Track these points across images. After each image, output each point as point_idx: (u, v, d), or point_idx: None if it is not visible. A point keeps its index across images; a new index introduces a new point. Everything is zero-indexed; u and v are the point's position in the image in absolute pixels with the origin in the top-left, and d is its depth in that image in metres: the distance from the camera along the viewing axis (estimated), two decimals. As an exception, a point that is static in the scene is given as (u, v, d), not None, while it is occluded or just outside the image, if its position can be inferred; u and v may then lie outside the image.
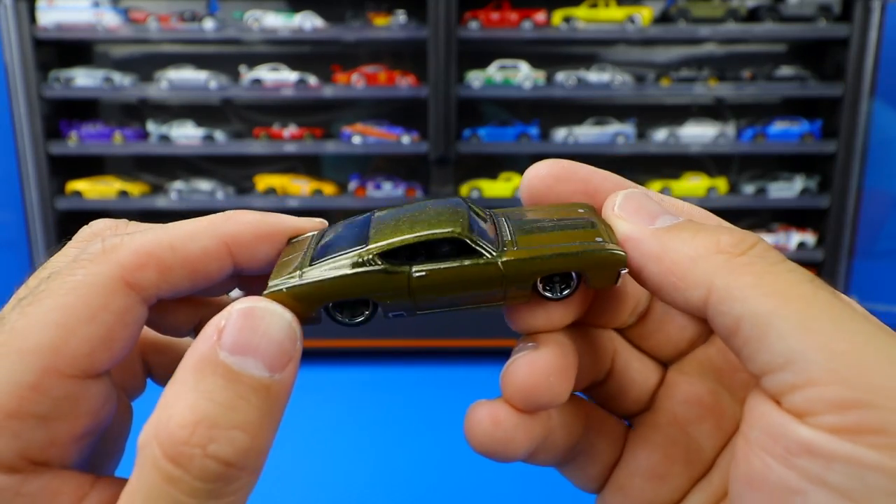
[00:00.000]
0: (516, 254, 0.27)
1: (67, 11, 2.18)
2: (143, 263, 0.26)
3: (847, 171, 2.24)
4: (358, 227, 0.29)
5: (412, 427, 1.83)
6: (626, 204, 0.30)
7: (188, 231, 0.28)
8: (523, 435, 0.29)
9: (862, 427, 0.21)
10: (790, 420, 0.23)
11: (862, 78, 2.16)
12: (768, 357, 0.23)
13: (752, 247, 0.26)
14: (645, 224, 0.29)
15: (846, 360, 0.22)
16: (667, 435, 0.32)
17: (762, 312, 0.24)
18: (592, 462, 0.33)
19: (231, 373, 0.23)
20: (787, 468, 0.23)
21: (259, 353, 0.23)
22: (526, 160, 2.52)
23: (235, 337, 0.23)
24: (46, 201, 2.25)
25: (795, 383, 0.23)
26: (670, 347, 0.34)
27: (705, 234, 0.27)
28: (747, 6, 2.27)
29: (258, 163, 2.48)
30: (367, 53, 2.41)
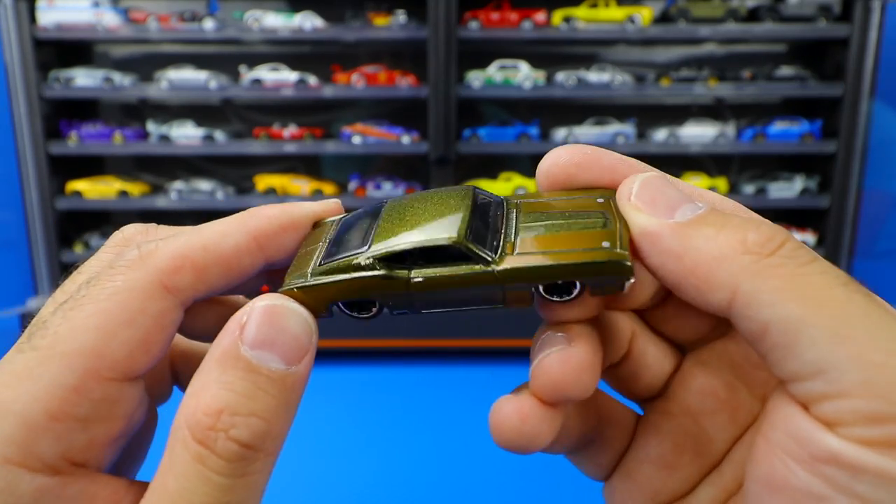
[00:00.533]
0: (513, 261, 0.27)
1: (67, 11, 2.18)
2: (179, 266, 0.27)
3: (847, 171, 2.24)
4: (368, 220, 0.30)
5: (412, 427, 1.83)
6: (643, 192, 0.27)
7: (219, 230, 0.29)
8: (548, 427, 0.29)
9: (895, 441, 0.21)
10: (818, 428, 0.22)
11: (862, 78, 2.16)
12: (798, 365, 0.22)
13: (781, 246, 0.24)
14: (664, 216, 0.26)
15: (882, 371, 0.21)
16: (679, 424, 0.32)
17: (792, 318, 0.22)
18: (603, 450, 0.33)
19: (250, 366, 0.25)
20: (811, 475, 0.22)
21: (276, 348, 0.25)
22: (526, 160, 2.52)
23: (255, 332, 0.25)
24: (46, 201, 2.25)
25: (827, 393, 0.22)
26: (690, 332, 0.33)
27: (730, 230, 0.25)
28: (747, 6, 2.27)
29: (258, 163, 2.48)
30: (367, 53, 2.41)
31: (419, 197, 0.31)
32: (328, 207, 0.33)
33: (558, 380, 0.27)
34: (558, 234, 0.28)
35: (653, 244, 0.26)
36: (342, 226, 0.31)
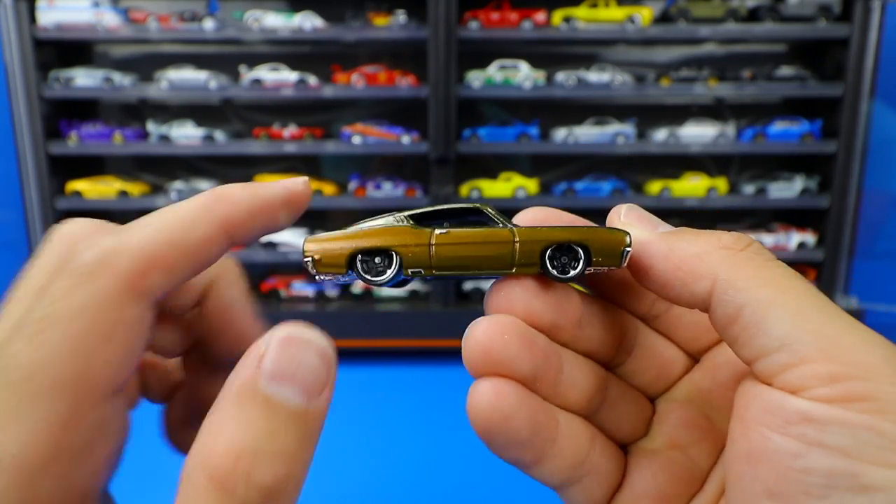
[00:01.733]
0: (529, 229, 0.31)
1: (67, 11, 2.18)
2: (146, 269, 0.25)
3: (847, 171, 2.24)
4: None
5: (411, 427, 1.83)
6: (630, 213, 0.33)
7: (184, 221, 0.27)
8: (525, 415, 0.30)
9: (851, 395, 0.24)
10: (785, 395, 0.26)
11: (862, 78, 2.16)
12: (765, 340, 0.27)
13: (749, 245, 0.30)
14: (651, 229, 0.32)
15: (833, 342, 0.26)
16: (669, 458, 0.34)
17: (762, 300, 0.27)
18: (598, 484, 0.34)
19: (269, 402, 0.23)
20: (785, 436, 0.25)
21: (297, 381, 0.24)
22: (526, 160, 2.52)
23: (274, 365, 0.24)
24: (46, 201, 2.25)
25: (790, 362, 0.26)
26: (660, 383, 0.36)
27: (707, 234, 0.30)
28: (747, 6, 2.27)
29: (258, 163, 2.48)
30: (367, 53, 2.41)
31: None
32: (297, 187, 0.32)
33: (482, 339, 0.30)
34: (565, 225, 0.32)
35: (644, 249, 0.31)
36: None
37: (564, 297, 0.32)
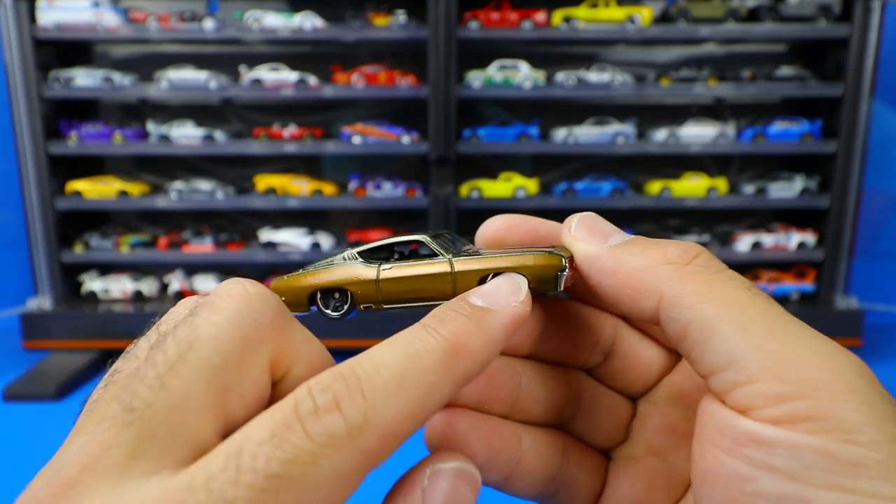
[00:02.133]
0: (466, 259, 0.32)
1: (67, 11, 2.18)
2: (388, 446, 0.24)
3: (847, 171, 2.23)
4: None
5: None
6: (581, 224, 0.33)
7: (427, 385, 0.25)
8: (478, 440, 0.30)
9: (797, 416, 0.24)
10: (735, 415, 0.25)
11: (862, 78, 2.16)
12: (713, 358, 0.26)
13: (696, 256, 0.29)
14: (600, 242, 0.31)
15: (778, 358, 0.25)
16: (647, 464, 0.34)
17: (706, 317, 0.26)
18: (575, 495, 0.34)
19: None
20: (735, 458, 0.25)
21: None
22: (526, 160, 2.52)
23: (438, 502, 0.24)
24: (46, 201, 2.25)
25: (737, 381, 0.25)
26: (639, 384, 0.35)
27: (653, 247, 0.30)
28: (747, 6, 2.27)
29: (258, 163, 2.48)
30: (367, 53, 2.41)
31: None
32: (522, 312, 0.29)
33: None
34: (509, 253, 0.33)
35: (592, 264, 0.31)
36: None
37: None
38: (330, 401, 0.22)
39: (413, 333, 0.26)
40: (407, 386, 0.24)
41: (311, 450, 0.21)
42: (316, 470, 0.21)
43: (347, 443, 0.22)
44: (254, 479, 0.20)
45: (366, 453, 0.22)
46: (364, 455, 0.22)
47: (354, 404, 0.22)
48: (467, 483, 0.25)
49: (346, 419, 0.22)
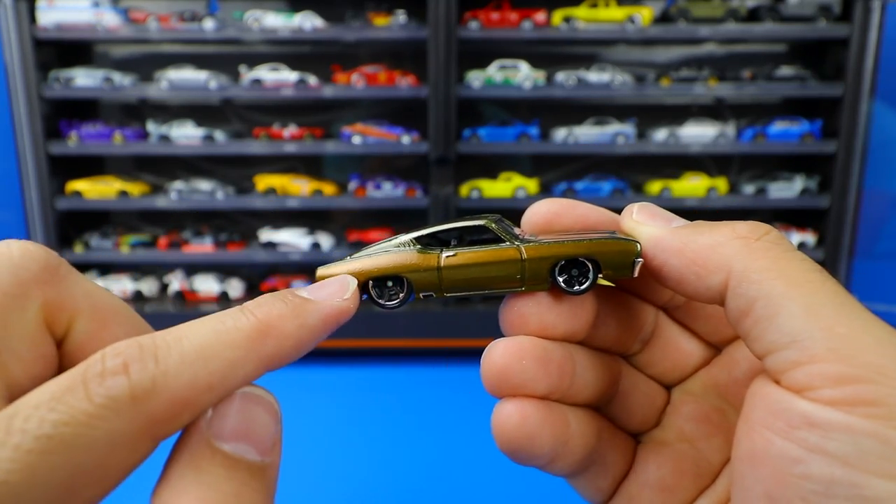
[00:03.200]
0: (536, 246, 0.31)
1: (67, 11, 2.18)
2: (177, 413, 0.23)
3: (847, 171, 2.24)
4: None
5: (411, 427, 1.83)
6: (643, 211, 0.33)
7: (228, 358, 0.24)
8: (548, 432, 0.31)
9: (857, 399, 0.23)
10: (790, 396, 0.25)
11: (862, 78, 2.16)
12: (776, 336, 0.26)
13: (766, 233, 0.29)
14: (664, 225, 0.31)
15: (845, 341, 0.24)
16: (676, 450, 0.34)
17: (775, 294, 0.26)
18: (604, 473, 0.34)
19: (230, 460, 0.23)
20: (787, 440, 0.25)
21: (252, 439, 0.24)
22: (526, 160, 2.52)
23: (229, 424, 0.23)
24: (46, 201, 2.25)
25: (799, 360, 0.25)
26: (675, 373, 0.35)
27: (722, 225, 0.30)
28: (747, 6, 2.27)
29: (258, 163, 2.48)
30: (367, 53, 2.41)
31: None
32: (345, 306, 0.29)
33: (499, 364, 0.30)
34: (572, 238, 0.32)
35: (657, 245, 0.30)
36: None
37: (578, 305, 0.32)
38: (118, 364, 0.22)
39: (228, 312, 0.26)
40: (208, 357, 0.23)
41: (88, 411, 0.21)
42: (91, 432, 0.20)
43: (129, 406, 0.21)
44: (21, 439, 0.19)
45: (150, 419, 0.22)
46: (148, 420, 0.22)
47: (143, 368, 0.22)
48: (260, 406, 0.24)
49: (132, 383, 0.21)
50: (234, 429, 0.24)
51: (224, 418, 0.24)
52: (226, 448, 0.23)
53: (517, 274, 0.30)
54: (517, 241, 0.31)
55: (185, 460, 0.23)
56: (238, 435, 0.24)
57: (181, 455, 0.23)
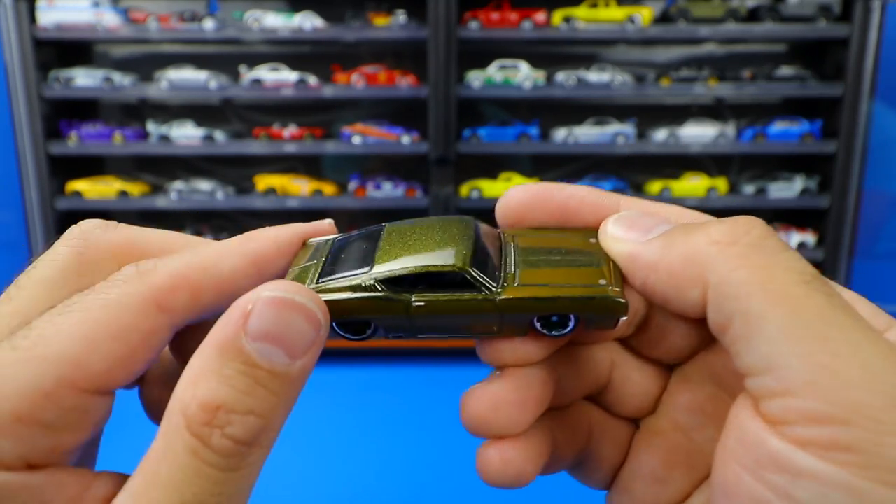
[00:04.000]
0: (515, 291, 0.28)
1: (67, 11, 2.18)
2: (176, 285, 0.26)
3: (847, 171, 2.24)
4: (368, 242, 0.30)
5: (412, 427, 1.83)
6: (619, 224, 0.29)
7: (217, 252, 0.28)
8: (533, 466, 0.30)
9: (832, 443, 0.21)
10: (764, 430, 0.23)
11: (862, 78, 2.16)
12: (753, 359, 0.23)
13: (746, 234, 0.25)
14: (639, 237, 0.28)
15: (825, 372, 0.21)
16: (669, 440, 0.33)
17: (752, 312, 0.23)
18: (598, 466, 0.34)
19: (251, 360, 0.24)
20: (756, 480, 0.23)
21: (282, 342, 0.24)
22: (526, 160, 2.52)
23: (259, 325, 0.24)
24: (46, 201, 2.25)
25: (775, 390, 0.22)
26: (672, 354, 0.33)
27: (696, 230, 0.26)
28: (747, 6, 2.27)
29: (258, 163, 2.48)
30: (367, 53, 2.41)
31: (421, 223, 0.30)
32: (322, 226, 0.32)
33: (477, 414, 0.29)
34: (557, 269, 0.29)
35: (633, 263, 0.27)
36: (337, 245, 0.31)
37: None
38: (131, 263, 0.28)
39: None
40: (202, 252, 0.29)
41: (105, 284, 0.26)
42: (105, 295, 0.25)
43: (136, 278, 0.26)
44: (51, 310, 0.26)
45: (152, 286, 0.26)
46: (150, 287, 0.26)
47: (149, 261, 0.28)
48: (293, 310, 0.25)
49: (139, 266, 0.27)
50: (260, 331, 0.24)
51: (259, 318, 0.24)
52: (250, 347, 0.24)
53: (493, 324, 0.28)
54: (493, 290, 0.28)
55: (215, 346, 0.24)
56: (264, 338, 0.24)
57: (215, 338, 0.24)
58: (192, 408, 0.23)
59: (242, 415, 0.24)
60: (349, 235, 0.31)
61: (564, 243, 0.30)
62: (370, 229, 0.31)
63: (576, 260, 0.29)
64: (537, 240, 0.31)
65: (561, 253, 0.29)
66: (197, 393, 0.23)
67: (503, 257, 0.29)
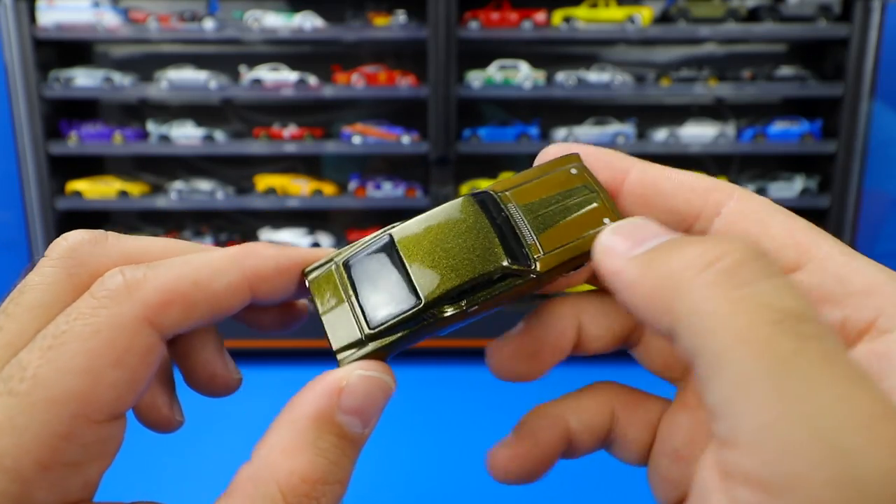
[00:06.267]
0: (547, 262, 0.29)
1: (67, 11, 2.18)
2: (168, 301, 0.26)
3: (847, 171, 2.24)
4: (387, 259, 0.30)
5: (412, 427, 1.83)
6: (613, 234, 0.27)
7: (213, 266, 0.28)
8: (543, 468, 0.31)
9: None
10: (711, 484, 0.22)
11: (862, 78, 2.16)
12: (712, 400, 0.21)
13: (718, 259, 0.22)
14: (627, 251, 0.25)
15: (771, 432, 0.19)
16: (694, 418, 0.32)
17: (712, 352, 0.21)
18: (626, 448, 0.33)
19: (342, 432, 0.25)
20: None
21: (364, 415, 0.26)
22: (526, 160, 2.52)
23: (353, 402, 0.26)
24: (46, 201, 2.25)
25: (725, 440, 0.21)
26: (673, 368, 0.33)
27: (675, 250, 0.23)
28: (747, 6, 2.27)
29: (258, 163, 2.48)
30: (367, 53, 2.41)
31: (427, 222, 0.30)
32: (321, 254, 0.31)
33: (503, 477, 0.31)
34: (566, 222, 0.30)
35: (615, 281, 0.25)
36: (353, 271, 0.30)
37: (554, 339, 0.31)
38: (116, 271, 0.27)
39: None
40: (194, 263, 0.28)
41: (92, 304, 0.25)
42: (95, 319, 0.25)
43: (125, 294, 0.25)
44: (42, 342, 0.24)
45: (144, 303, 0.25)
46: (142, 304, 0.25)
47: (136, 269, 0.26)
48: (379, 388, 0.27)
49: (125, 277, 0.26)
50: (356, 406, 0.26)
51: (352, 395, 0.26)
52: (342, 420, 0.25)
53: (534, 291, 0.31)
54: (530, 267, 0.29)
55: (312, 419, 0.25)
56: (354, 411, 0.26)
57: (307, 410, 0.25)
58: (294, 481, 0.24)
59: (334, 486, 0.25)
60: (355, 254, 0.30)
61: (554, 188, 0.31)
62: (377, 243, 0.30)
63: (575, 204, 0.30)
64: (529, 193, 0.31)
65: (557, 200, 0.30)
66: (296, 467, 0.24)
67: (514, 226, 0.30)
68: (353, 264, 0.30)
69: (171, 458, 1.53)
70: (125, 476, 0.26)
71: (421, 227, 0.30)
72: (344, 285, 0.30)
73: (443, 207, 0.30)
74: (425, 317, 0.28)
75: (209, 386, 0.32)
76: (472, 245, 0.29)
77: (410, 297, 0.28)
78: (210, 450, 1.46)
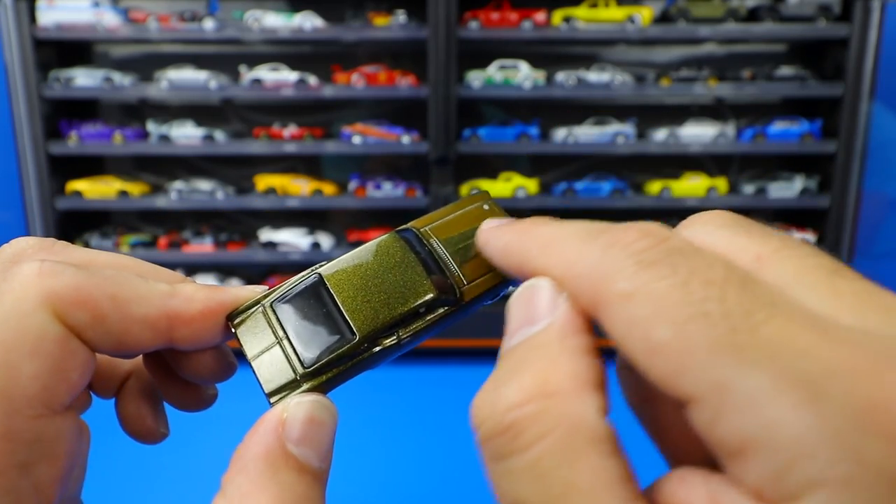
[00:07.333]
0: (471, 291, 0.31)
1: (67, 11, 2.18)
2: (78, 301, 0.24)
3: (847, 171, 2.24)
4: (318, 299, 0.30)
5: (412, 427, 1.83)
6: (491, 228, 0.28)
7: (137, 291, 0.26)
8: None
9: None
10: None
11: (862, 78, 2.16)
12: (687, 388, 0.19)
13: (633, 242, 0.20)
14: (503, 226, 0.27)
15: None
16: None
17: None
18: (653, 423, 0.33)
19: (300, 465, 0.24)
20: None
21: (316, 445, 0.25)
22: (526, 160, 2.52)
23: (300, 430, 0.25)
24: (46, 201, 2.25)
25: None
26: None
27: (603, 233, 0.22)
28: (747, 6, 2.27)
29: (258, 163, 2.48)
30: (367, 53, 2.41)
31: (355, 259, 0.31)
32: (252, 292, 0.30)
33: None
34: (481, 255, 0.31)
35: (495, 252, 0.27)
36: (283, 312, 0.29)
37: None
38: None
39: None
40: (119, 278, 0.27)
41: None
42: None
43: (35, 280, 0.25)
44: None
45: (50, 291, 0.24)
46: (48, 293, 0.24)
47: None
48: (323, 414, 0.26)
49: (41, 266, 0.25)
50: (302, 434, 0.25)
51: (295, 423, 0.25)
52: (296, 452, 0.24)
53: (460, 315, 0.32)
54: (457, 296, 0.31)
55: (263, 457, 0.24)
56: (304, 440, 0.25)
57: (259, 449, 0.24)
58: None
59: None
60: (283, 295, 0.30)
61: (471, 223, 0.32)
62: (305, 282, 0.30)
63: None
64: (448, 228, 0.33)
65: (474, 234, 0.31)
66: None
67: (437, 259, 0.31)
68: (282, 305, 0.30)
69: (166, 462, 1.53)
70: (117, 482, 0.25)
71: (350, 265, 0.30)
72: (273, 327, 0.29)
73: (369, 245, 0.31)
74: (360, 351, 0.29)
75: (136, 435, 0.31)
76: (401, 280, 0.30)
77: (345, 333, 0.29)
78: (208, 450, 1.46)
